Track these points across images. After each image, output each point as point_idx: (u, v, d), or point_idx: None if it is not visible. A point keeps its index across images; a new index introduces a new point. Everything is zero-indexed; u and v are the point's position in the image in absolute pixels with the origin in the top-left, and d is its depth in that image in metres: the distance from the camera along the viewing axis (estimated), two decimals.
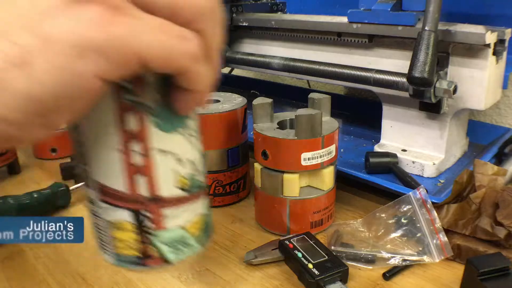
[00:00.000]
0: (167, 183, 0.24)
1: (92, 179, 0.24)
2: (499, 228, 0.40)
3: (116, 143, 0.22)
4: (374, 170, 0.55)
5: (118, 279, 0.41)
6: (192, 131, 0.25)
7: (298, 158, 0.44)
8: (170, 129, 0.23)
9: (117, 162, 0.23)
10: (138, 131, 0.22)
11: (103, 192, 0.24)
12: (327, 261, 0.39)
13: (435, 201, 0.45)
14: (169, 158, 0.24)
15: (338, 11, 0.61)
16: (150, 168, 0.23)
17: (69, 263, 0.44)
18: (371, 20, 0.54)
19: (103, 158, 0.23)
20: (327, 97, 0.48)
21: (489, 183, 0.43)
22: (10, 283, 0.42)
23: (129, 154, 0.23)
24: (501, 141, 0.59)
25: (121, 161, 0.23)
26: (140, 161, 0.23)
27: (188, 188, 0.25)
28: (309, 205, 0.46)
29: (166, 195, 0.24)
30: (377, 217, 0.46)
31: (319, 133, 0.44)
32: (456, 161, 0.58)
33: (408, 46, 0.52)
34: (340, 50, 0.60)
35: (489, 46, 0.47)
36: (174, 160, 0.24)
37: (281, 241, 0.43)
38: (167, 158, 0.24)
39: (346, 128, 0.72)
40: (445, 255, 0.41)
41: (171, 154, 0.24)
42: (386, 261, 0.41)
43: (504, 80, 0.53)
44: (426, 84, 0.47)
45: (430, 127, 0.55)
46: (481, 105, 0.50)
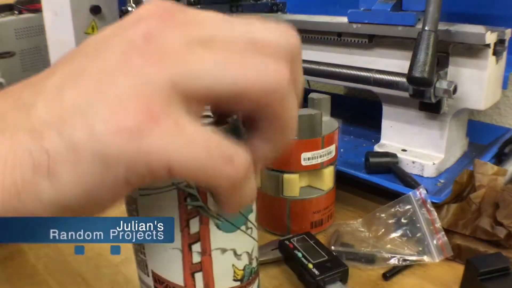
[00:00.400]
0: (224, 278, 0.25)
1: (149, 269, 0.25)
2: (499, 228, 0.40)
3: (178, 244, 0.23)
4: (374, 170, 0.55)
5: (118, 279, 0.41)
6: (251, 223, 0.26)
7: (298, 158, 0.44)
8: (231, 229, 0.24)
9: (177, 261, 0.24)
10: (200, 233, 0.23)
11: (160, 282, 0.25)
12: (327, 261, 0.39)
13: (435, 201, 0.45)
14: (227, 255, 0.24)
15: (338, 11, 0.61)
16: (209, 266, 0.24)
17: (69, 263, 0.44)
18: (371, 20, 0.54)
19: (163, 255, 0.24)
20: (327, 97, 0.48)
21: (489, 183, 0.43)
22: (10, 283, 0.42)
23: (189, 254, 0.24)
24: (501, 141, 0.59)
25: (181, 259, 0.24)
26: (200, 260, 0.24)
27: (242, 278, 0.26)
28: (309, 205, 0.46)
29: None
30: (377, 217, 0.46)
31: (319, 133, 0.44)
32: (456, 161, 0.58)
33: (408, 46, 0.52)
34: (340, 50, 0.60)
35: (489, 46, 0.47)
36: (232, 255, 0.25)
37: (281, 241, 0.43)
38: (226, 255, 0.24)
39: (346, 128, 0.72)
40: (445, 255, 0.41)
41: (230, 250, 0.25)
42: (386, 261, 0.41)
43: (504, 80, 0.53)
44: (426, 84, 0.47)
45: (430, 127, 0.55)
46: (481, 105, 0.50)
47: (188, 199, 0.22)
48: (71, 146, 0.16)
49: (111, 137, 0.16)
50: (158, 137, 0.16)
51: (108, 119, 0.16)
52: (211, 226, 0.23)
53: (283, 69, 0.18)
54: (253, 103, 0.18)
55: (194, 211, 0.23)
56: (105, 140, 0.16)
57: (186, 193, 0.22)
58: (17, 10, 0.93)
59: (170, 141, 0.16)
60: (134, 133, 0.16)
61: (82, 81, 0.17)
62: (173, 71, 0.17)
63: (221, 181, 0.18)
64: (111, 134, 0.16)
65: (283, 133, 0.20)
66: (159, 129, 0.16)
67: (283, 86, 0.18)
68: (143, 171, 0.17)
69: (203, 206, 0.23)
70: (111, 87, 0.17)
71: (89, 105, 0.17)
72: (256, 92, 0.18)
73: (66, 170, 0.17)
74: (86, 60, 0.18)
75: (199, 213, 0.23)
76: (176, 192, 0.22)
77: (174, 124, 0.17)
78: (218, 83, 0.18)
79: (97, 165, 0.16)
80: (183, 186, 0.22)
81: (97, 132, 0.16)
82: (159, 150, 0.16)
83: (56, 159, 0.16)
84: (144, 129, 0.16)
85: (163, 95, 0.17)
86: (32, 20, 0.92)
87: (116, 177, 0.17)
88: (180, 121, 0.17)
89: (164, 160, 0.16)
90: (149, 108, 0.16)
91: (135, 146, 0.16)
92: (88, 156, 0.16)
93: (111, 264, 0.43)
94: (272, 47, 0.19)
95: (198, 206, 0.23)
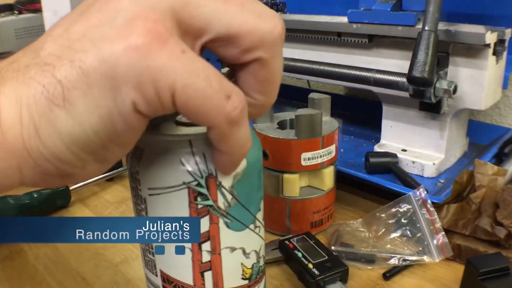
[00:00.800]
0: (233, 276, 0.25)
1: (158, 269, 0.25)
2: (499, 228, 0.40)
3: (188, 243, 0.23)
4: (374, 170, 0.55)
5: (118, 279, 0.41)
6: (259, 222, 0.26)
7: (298, 158, 0.44)
8: (240, 228, 0.24)
9: (186, 260, 0.24)
10: (210, 232, 0.23)
11: (168, 282, 0.25)
12: (327, 261, 0.39)
13: (435, 201, 0.45)
14: (236, 254, 0.25)
15: (338, 11, 0.61)
16: (218, 265, 0.24)
17: (69, 263, 0.44)
18: (371, 20, 0.54)
19: (172, 254, 0.24)
20: (327, 97, 0.48)
21: (489, 183, 0.43)
22: (10, 283, 0.42)
23: (199, 253, 0.24)
24: (501, 141, 0.59)
25: (191, 259, 0.24)
26: (210, 259, 0.24)
27: (250, 276, 0.26)
28: (309, 205, 0.46)
29: (231, 287, 0.25)
30: (377, 217, 0.46)
31: (319, 133, 0.44)
32: (456, 161, 0.58)
33: (408, 46, 0.52)
34: (340, 50, 0.60)
35: (489, 46, 0.47)
36: (241, 254, 0.25)
37: (281, 241, 0.43)
38: (235, 254, 0.25)
39: (346, 128, 0.72)
40: (445, 255, 0.41)
41: (239, 249, 0.25)
42: (386, 261, 0.41)
43: (504, 80, 0.53)
44: (426, 84, 0.47)
45: (430, 127, 0.55)
46: (481, 105, 0.50)
47: (198, 198, 0.22)
48: (82, 73, 0.17)
49: (120, 56, 0.17)
50: (166, 57, 0.17)
51: (117, 40, 0.17)
52: (220, 225, 0.23)
53: (277, 21, 0.20)
54: (246, 46, 0.19)
55: (204, 210, 0.23)
56: (114, 60, 0.17)
57: (196, 192, 0.22)
58: (17, 10, 0.93)
59: (177, 64, 0.17)
60: (142, 51, 0.17)
61: (88, 15, 0.18)
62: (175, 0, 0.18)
63: (219, 116, 0.18)
64: (120, 53, 0.17)
65: (268, 85, 0.21)
66: (166, 51, 0.17)
67: (275, 35, 0.19)
68: (150, 92, 0.17)
69: (213, 205, 0.23)
70: (117, 14, 0.17)
71: (97, 32, 0.17)
72: (251, 35, 0.19)
73: (80, 97, 0.17)
74: (90, 1, 0.19)
75: (208, 212, 0.23)
76: (186, 191, 0.22)
77: (180, 49, 0.17)
78: (216, 19, 0.18)
79: (107, 87, 0.17)
80: (194, 185, 0.22)
81: (106, 54, 0.17)
82: (166, 69, 0.17)
83: (69, 87, 0.17)
84: (152, 47, 0.17)
85: (167, 21, 0.17)
86: (32, 20, 0.92)
87: (125, 100, 0.17)
88: (185, 48, 0.17)
89: (170, 80, 0.17)
90: (157, 30, 0.17)
91: (143, 63, 0.17)
92: (99, 79, 0.17)
93: (111, 264, 0.43)
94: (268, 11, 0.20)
95: (208, 205, 0.23)
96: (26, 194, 0.51)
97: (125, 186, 0.60)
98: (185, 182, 0.22)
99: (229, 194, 0.23)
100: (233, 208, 0.23)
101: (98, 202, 0.56)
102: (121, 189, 0.59)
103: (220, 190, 0.23)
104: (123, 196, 0.57)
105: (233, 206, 0.23)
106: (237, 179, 0.23)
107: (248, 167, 0.24)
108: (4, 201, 0.49)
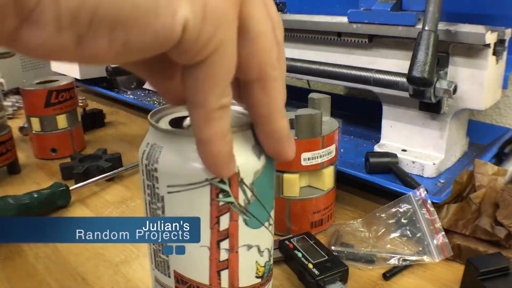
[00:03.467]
0: (248, 275, 0.25)
1: (171, 269, 0.25)
2: (499, 228, 0.40)
3: (207, 241, 0.23)
4: (374, 170, 0.55)
5: (118, 279, 0.41)
6: (272, 219, 0.26)
7: (298, 158, 0.44)
8: (257, 225, 0.24)
9: (203, 258, 0.23)
10: (229, 230, 0.23)
11: (182, 282, 0.24)
12: (327, 261, 0.39)
13: (435, 201, 0.45)
14: (252, 251, 0.24)
15: (338, 11, 0.61)
16: (235, 263, 0.24)
17: (69, 263, 0.44)
18: (371, 20, 0.54)
19: (189, 254, 0.24)
20: (327, 97, 0.48)
21: (489, 183, 0.43)
22: (10, 283, 0.42)
23: (217, 251, 0.23)
24: (501, 141, 0.59)
25: (208, 257, 0.23)
26: (227, 257, 0.24)
27: (263, 274, 0.26)
28: (309, 205, 0.46)
29: (245, 285, 0.25)
30: (377, 217, 0.46)
31: (319, 133, 0.44)
32: (456, 161, 0.58)
33: (408, 46, 0.52)
34: (340, 50, 0.60)
35: (489, 46, 0.47)
36: (256, 252, 0.25)
37: (281, 241, 0.43)
38: (251, 252, 0.24)
39: (346, 128, 0.72)
40: (445, 255, 0.41)
41: (254, 247, 0.24)
42: (386, 261, 0.41)
43: (504, 80, 0.53)
44: (426, 84, 0.47)
45: (430, 127, 0.55)
46: (481, 105, 0.50)
47: (220, 195, 0.22)
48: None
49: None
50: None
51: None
52: (240, 222, 0.23)
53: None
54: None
55: (225, 207, 0.22)
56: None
57: (218, 189, 0.22)
58: None
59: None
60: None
61: None
62: None
63: (272, 56, 0.20)
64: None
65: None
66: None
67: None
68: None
69: (234, 202, 0.23)
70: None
71: None
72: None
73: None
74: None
75: (229, 210, 0.23)
76: (209, 188, 0.22)
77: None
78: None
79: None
80: (216, 182, 0.22)
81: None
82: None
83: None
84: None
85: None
86: None
87: (178, 13, 0.17)
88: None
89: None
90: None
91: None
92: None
93: (111, 264, 0.43)
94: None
95: (229, 202, 0.22)
96: (26, 194, 0.51)
97: (125, 186, 0.60)
98: (208, 178, 0.22)
99: (249, 191, 0.23)
100: (252, 205, 0.23)
101: (98, 202, 0.56)
102: (121, 189, 0.59)
103: (241, 186, 0.22)
104: (123, 196, 0.57)
105: (252, 203, 0.23)
106: (257, 175, 0.23)
107: (265, 163, 0.24)
108: (4, 201, 0.49)
